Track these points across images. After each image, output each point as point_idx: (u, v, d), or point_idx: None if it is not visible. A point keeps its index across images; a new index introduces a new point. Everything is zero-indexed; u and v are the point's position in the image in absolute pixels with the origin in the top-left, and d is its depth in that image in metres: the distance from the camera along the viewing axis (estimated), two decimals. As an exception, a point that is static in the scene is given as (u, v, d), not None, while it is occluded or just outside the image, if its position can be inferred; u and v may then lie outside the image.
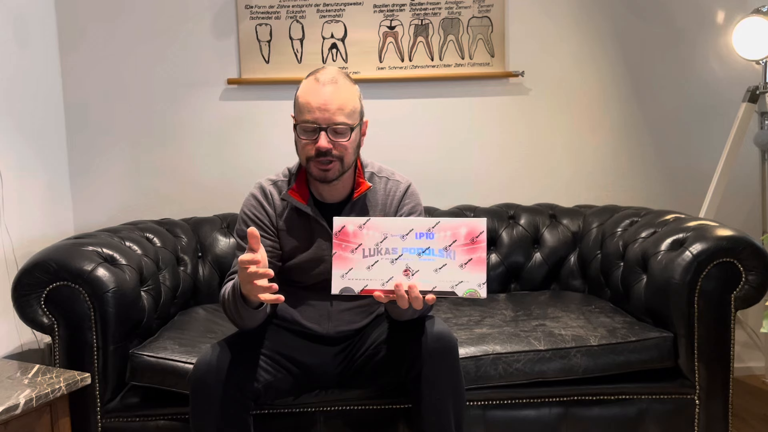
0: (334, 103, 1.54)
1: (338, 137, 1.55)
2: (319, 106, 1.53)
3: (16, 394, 1.45)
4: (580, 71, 2.67)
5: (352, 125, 1.57)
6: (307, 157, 1.57)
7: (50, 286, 1.74)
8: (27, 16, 2.36)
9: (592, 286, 2.34)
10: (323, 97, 1.54)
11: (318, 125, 1.53)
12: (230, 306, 1.52)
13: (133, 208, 2.57)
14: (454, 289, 1.41)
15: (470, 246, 1.41)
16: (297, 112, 1.59)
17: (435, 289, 1.41)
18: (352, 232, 1.45)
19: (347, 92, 1.57)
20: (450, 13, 2.60)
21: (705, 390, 1.83)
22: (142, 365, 1.74)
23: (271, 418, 1.74)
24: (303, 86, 1.59)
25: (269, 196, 1.68)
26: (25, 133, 2.33)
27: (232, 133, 2.62)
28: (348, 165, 1.60)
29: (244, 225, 1.65)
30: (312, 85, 1.57)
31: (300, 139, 1.58)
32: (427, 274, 1.42)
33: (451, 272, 1.41)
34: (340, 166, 1.57)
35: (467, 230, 1.41)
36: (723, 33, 2.65)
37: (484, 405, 1.81)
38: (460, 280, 1.41)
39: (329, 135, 1.54)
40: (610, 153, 2.70)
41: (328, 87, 1.55)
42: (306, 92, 1.57)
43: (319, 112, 1.53)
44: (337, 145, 1.55)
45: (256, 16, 2.57)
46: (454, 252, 1.41)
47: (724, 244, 1.82)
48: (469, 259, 1.40)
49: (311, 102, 1.54)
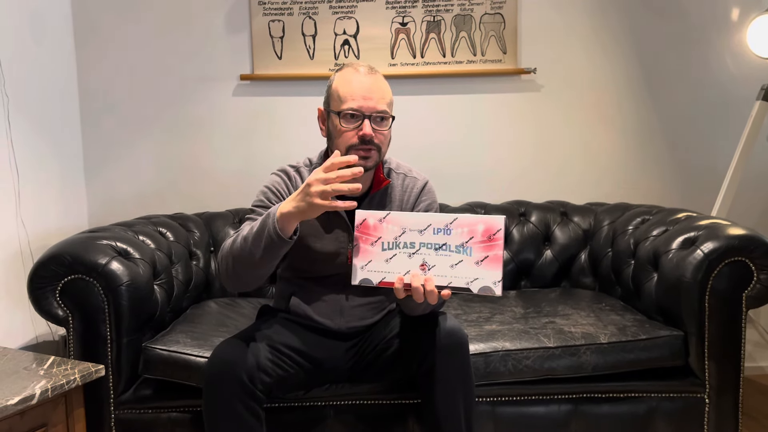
0: (377, 92, 1.57)
1: (380, 125, 1.58)
2: (363, 94, 1.56)
3: (32, 384, 1.47)
4: (593, 68, 2.66)
5: (392, 114, 1.61)
6: (349, 145, 1.57)
7: (65, 279, 1.76)
8: (43, 12, 2.39)
9: (602, 284, 2.34)
10: (366, 85, 1.57)
11: (362, 113, 1.55)
12: (250, 245, 1.45)
13: (146, 203, 2.59)
14: (469, 286, 1.41)
15: (487, 243, 1.41)
16: (336, 101, 1.59)
17: (450, 284, 1.41)
18: (372, 225, 1.46)
19: (385, 83, 1.62)
20: (462, 10, 2.60)
21: (715, 389, 1.83)
22: (154, 358, 1.76)
23: (283, 412, 1.75)
24: (341, 77, 1.61)
25: (293, 178, 1.69)
26: (41, 128, 2.36)
27: (245, 129, 2.63)
28: (383, 156, 1.63)
29: (263, 196, 1.65)
30: (353, 74, 1.59)
31: (342, 127, 1.58)
32: (443, 269, 1.42)
33: (466, 268, 1.41)
34: (377, 156, 1.60)
35: (485, 227, 1.41)
36: (737, 30, 2.63)
37: (494, 401, 1.82)
38: (476, 276, 1.41)
39: (372, 123, 1.56)
40: (622, 150, 2.69)
41: (369, 77, 1.59)
42: (347, 82, 1.58)
43: (363, 100, 1.55)
44: (378, 134, 1.58)
45: (269, 12, 2.58)
46: (471, 248, 1.41)
47: (735, 243, 1.81)
48: (485, 257, 1.40)
49: (355, 90, 1.56)
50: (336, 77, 1.62)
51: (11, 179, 2.17)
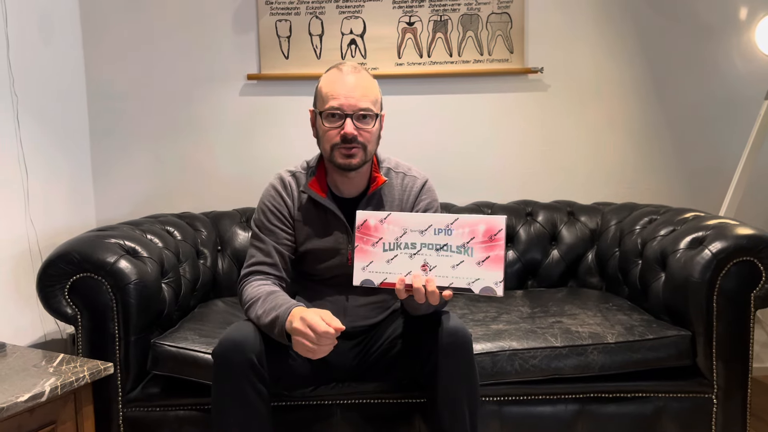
0: (359, 90, 1.57)
1: (363, 123, 1.58)
2: (345, 93, 1.56)
3: (42, 382, 1.48)
4: (600, 67, 2.65)
5: (377, 112, 1.60)
6: (332, 144, 1.59)
7: (74, 278, 1.78)
8: (52, 13, 2.40)
9: (609, 284, 2.34)
10: (348, 84, 1.57)
11: (343, 112, 1.56)
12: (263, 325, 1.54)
13: (153, 202, 2.60)
14: (471, 286, 1.41)
15: (488, 243, 1.41)
16: (320, 101, 1.61)
17: (452, 285, 1.42)
18: (373, 225, 1.46)
19: (370, 81, 1.61)
20: (469, 9, 2.60)
21: (723, 389, 1.82)
22: (163, 354, 1.77)
23: (290, 410, 1.76)
24: (326, 77, 1.62)
25: (288, 186, 1.70)
26: (50, 128, 2.37)
27: (252, 128, 2.64)
28: (370, 154, 1.63)
29: (262, 215, 1.68)
30: (336, 74, 1.60)
31: (324, 127, 1.59)
32: (445, 269, 1.42)
33: (468, 269, 1.41)
34: (363, 155, 1.59)
35: (486, 227, 1.41)
36: (746, 30, 2.62)
37: (500, 401, 1.81)
38: (477, 277, 1.41)
39: (354, 121, 1.56)
40: (629, 150, 2.68)
41: (351, 75, 1.58)
42: (330, 81, 1.59)
43: (345, 99, 1.56)
44: (362, 132, 1.57)
45: (276, 12, 2.58)
46: (472, 249, 1.41)
47: (743, 243, 1.80)
48: (486, 257, 1.40)
49: (337, 89, 1.57)
50: (322, 77, 1.63)
51: (20, 178, 2.18)
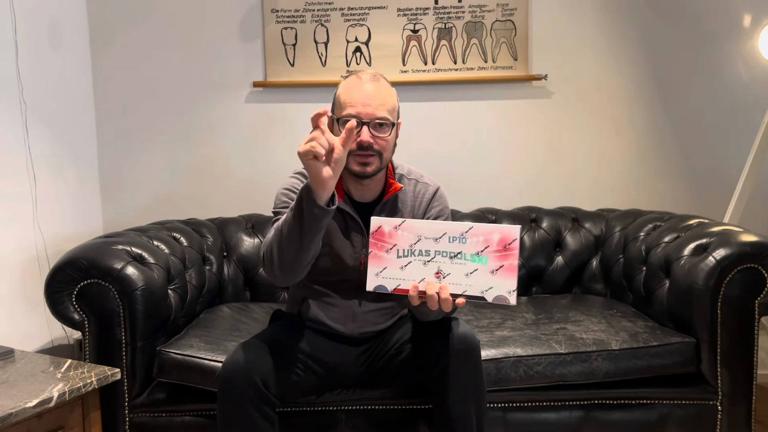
0: (377, 99, 1.57)
1: (380, 132, 1.58)
2: (363, 101, 1.56)
3: (50, 387, 1.49)
4: (604, 74, 2.66)
5: (393, 121, 1.61)
6: (348, 151, 1.59)
7: (81, 284, 1.79)
8: (60, 19, 2.43)
9: (614, 291, 2.34)
10: (366, 92, 1.57)
11: (360, 119, 1.56)
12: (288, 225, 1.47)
13: (160, 208, 2.62)
14: (484, 294, 1.42)
15: (503, 253, 1.41)
16: (338, 107, 1.61)
17: (465, 293, 1.42)
18: (387, 232, 1.47)
19: (388, 90, 1.62)
20: (473, 17, 2.61)
21: (728, 396, 1.82)
22: (168, 362, 1.78)
23: (295, 416, 1.76)
24: (344, 84, 1.62)
25: None
26: (58, 135, 2.39)
27: (257, 135, 2.66)
28: (385, 162, 1.63)
29: (285, 197, 1.65)
30: (354, 82, 1.60)
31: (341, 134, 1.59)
32: (458, 277, 1.43)
33: (482, 277, 1.42)
34: (379, 162, 1.60)
35: (500, 237, 1.42)
36: (749, 37, 2.63)
37: (505, 407, 1.82)
38: (491, 285, 1.41)
39: (371, 129, 1.57)
40: (633, 156, 2.69)
41: (370, 84, 1.59)
42: (348, 89, 1.60)
43: (362, 107, 1.56)
44: (378, 140, 1.58)
45: (281, 19, 2.60)
46: (486, 257, 1.42)
47: (748, 250, 1.81)
48: (500, 266, 1.41)
49: (354, 97, 1.57)
50: (341, 85, 1.64)
51: (29, 185, 2.20)
